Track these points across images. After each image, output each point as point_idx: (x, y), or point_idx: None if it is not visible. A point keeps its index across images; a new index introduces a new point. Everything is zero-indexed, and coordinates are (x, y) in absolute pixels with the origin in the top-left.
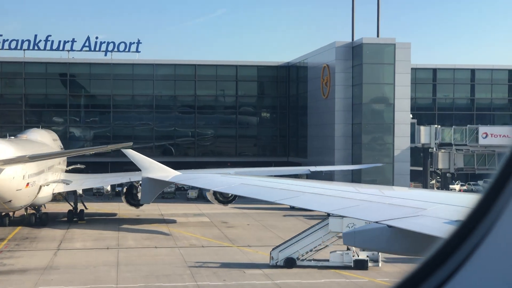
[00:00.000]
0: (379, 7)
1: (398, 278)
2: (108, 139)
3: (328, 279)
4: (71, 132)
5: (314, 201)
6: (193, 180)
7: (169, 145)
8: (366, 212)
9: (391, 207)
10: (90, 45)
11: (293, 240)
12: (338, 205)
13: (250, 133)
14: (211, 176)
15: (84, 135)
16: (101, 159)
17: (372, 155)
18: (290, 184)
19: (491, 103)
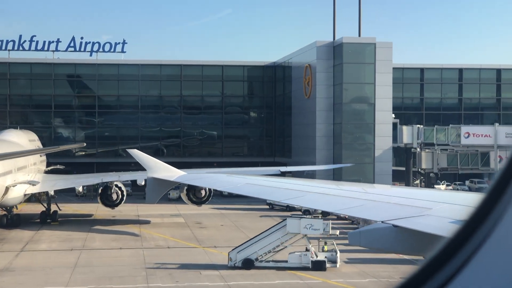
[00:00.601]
0: (361, 7)
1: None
2: (93, 140)
3: (283, 280)
4: (58, 132)
5: (319, 201)
6: (198, 180)
7: (160, 145)
8: (372, 212)
9: (397, 207)
10: (75, 45)
11: (251, 241)
12: (343, 205)
13: (237, 134)
14: (216, 176)
15: (70, 136)
16: (89, 159)
17: (352, 155)
18: (295, 184)
19: (479, 102)
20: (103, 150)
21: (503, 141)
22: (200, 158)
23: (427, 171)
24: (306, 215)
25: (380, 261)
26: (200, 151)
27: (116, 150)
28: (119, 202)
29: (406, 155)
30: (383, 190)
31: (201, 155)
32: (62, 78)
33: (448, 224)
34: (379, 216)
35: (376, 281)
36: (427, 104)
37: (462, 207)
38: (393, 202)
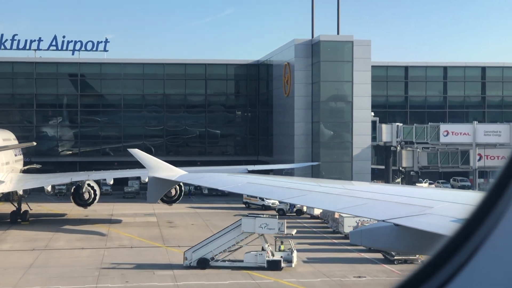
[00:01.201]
0: (339, 5)
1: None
2: (76, 139)
3: (235, 280)
4: (42, 132)
5: (321, 200)
6: (200, 179)
7: (144, 144)
8: (373, 211)
9: (398, 206)
10: (57, 44)
11: (207, 240)
12: (344, 204)
13: (221, 132)
14: (218, 175)
15: (53, 135)
16: (72, 159)
17: (330, 154)
18: (297, 183)
19: (464, 100)
20: (86, 150)
21: (481, 139)
22: (184, 157)
23: (408, 170)
24: (280, 214)
25: (339, 260)
26: (184, 150)
27: (99, 149)
28: (92, 201)
29: (385, 154)
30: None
31: (185, 154)
32: (44, 77)
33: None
34: (380, 215)
35: (328, 280)
36: (412, 102)
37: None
38: (395, 201)
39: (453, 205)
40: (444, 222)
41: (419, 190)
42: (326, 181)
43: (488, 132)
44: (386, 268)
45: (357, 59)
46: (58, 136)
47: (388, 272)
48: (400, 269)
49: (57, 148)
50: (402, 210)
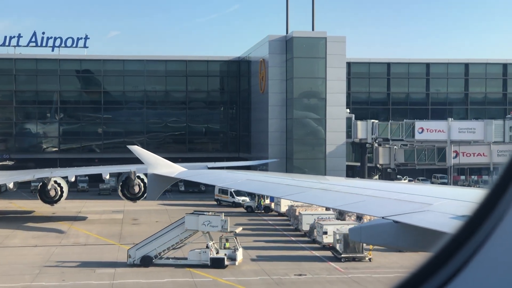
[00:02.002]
0: (314, 1)
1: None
2: (55, 136)
3: (173, 278)
4: (25, 128)
5: (320, 197)
6: (199, 176)
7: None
8: (373, 208)
9: (397, 203)
10: (36, 40)
11: (151, 238)
12: (344, 201)
13: (202, 129)
14: (217, 172)
15: (33, 132)
16: (51, 155)
17: (304, 150)
18: (297, 180)
19: (447, 97)
20: (66, 147)
21: (456, 136)
22: (165, 154)
23: (385, 167)
24: (249, 211)
25: (288, 258)
26: (165, 147)
27: (79, 146)
28: (58, 198)
29: (361, 151)
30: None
31: (166, 150)
32: (23, 74)
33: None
34: (379, 212)
35: (267, 278)
36: (394, 99)
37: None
38: (394, 198)
39: (452, 202)
40: (444, 219)
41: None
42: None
43: (462, 129)
44: (332, 265)
45: (331, 56)
46: (39, 132)
47: (331, 270)
48: (344, 267)
49: (38, 144)
50: (402, 207)
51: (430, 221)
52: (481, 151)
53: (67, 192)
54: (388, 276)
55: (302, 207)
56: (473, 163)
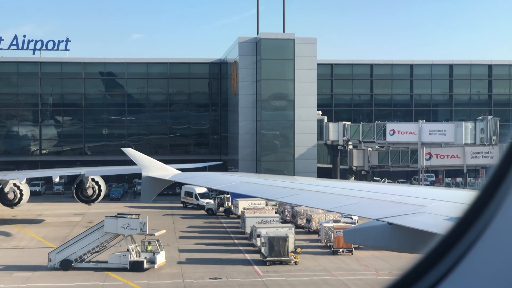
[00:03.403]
0: (285, 3)
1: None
2: (36, 140)
3: (86, 282)
4: (13, 132)
5: (314, 199)
6: (193, 178)
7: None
8: (366, 210)
9: (391, 205)
10: (17, 43)
11: (71, 241)
12: (338, 203)
13: (184, 132)
14: (211, 174)
15: (17, 135)
16: (33, 158)
17: (274, 153)
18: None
19: (431, 98)
20: (48, 150)
21: (427, 138)
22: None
23: (359, 169)
24: (209, 214)
25: (216, 261)
26: (146, 149)
27: (60, 150)
28: (18, 201)
29: (333, 153)
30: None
31: (148, 153)
32: (5, 77)
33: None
34: (373, 214)
35: (179, 282)
36: (378, 100)
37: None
38: (388, 200)
39: (446, 204)
40: (438, 221)
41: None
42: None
43: (433, 131)
44: (254, 269)
45: (301, 57)
46: (21, 135)
47: (250, 273)
48: (265, 270)
49: (21, 147)
50: (396, 209)
51: (424, 222)
52: (454, 153)
53: (28, 194)
54: (303, 279)
55: (252, 210)
56: (446, 165)
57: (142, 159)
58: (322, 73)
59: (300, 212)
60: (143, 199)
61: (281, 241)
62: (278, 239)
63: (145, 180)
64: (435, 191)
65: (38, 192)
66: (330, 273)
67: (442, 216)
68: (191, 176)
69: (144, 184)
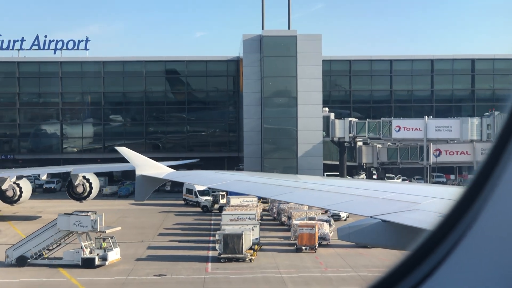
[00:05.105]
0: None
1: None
2: (57, 138)
3: (30, 278)
4: (25, 130)
5: (308, 197)
6: (187, 177)
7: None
8: (361, 207)
9: (385, 202)
10: (39, 43)
11: (27, 238)
12: (331, 201)
13: (202, 129)
14: (205, 173)
15: (39, 133)
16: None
17: (277, 150)
18: (286, 180)
19: (452, 94)
20: (72, 149)
21: (433, 134)
22: (165, 154)
23: (368, 165)
24: (204, 211)
25: (176, 258)
26: (165, 146)
27: (81, 149)
28: (18, 199)
29: (339, 149)
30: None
31: (166, 150)
32: (27, 76)
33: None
34: (367, 211)
35: (122, 278)
36: (397, 96)
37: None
38: (382, 197)
39: (440, 201)
40: (431, 218)
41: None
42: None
43: (439, 128)
44: (205, 266)
45: (304, 54)
46: (42, 133)
47: (198, 270)
48: (216, 267)
49: (43, 145)
50: (390, 206)
51: (418, 219)
52: (464, 150)
53: (29, 192)
54: (246, 277)
55: (238, 207)
56: (456, 162)
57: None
58: (341, 69)
59: (284, 209)
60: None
61: (235, 238)
62: (232, 236)
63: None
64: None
65: (53, 189)
66: (277, 271)
67: (435, 213)
68: (185, 175)
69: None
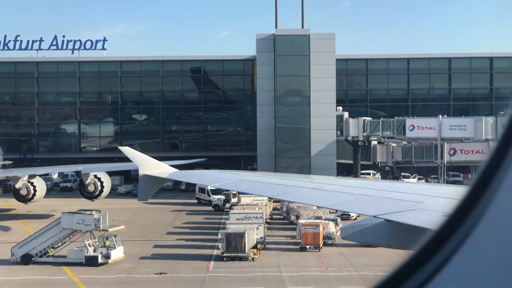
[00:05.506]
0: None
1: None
2: (75, 137)
3: (34, 276)
4: (44, 129)
5: (311, 196)
6: (190, 176)
7: (145, 143)
8: (364, 207)
9: (389, 201)
10: (57, 43)
11: (32, 237)
12: (335, 200)
13: (219, 128)
14: (209, 172)
15: (57, 132)
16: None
17: (290, 149)
18: (289, 179)
19: (470, 93)
20: (89, 147)
21: (447, 133)
22: (182, 153)
23: (382, 164)
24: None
25: (180, 257)
26: (182, 146)
27: (98, 148)
28: (31, 197)
29: (353, 149)
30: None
31: (183, 149)
32: (45, 76)
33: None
34: (371, 211)
35: (123, 276)
36: (414, 95)
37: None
38: (386, 196)
39: (443, 200)
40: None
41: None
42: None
43: (453, 127)
44: (207, 264)
45: (318, 53)
46: (60, 133)
47: (200, 269)
48: (217, 266)
49: (61, 145)
50: (393, 206)
51: (421, 219)
52: (480, 149)
53: (43, 190)
54: (246, 275)
55: (242, 206)
56: (472, 161)
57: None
58: (358, 68)
59: (293, 208)
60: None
61: (238, 237)
62: (235, 235)
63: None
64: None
65: (70, 188)
66: (278, 270)
67: (439, 212)
68: (188, 175)
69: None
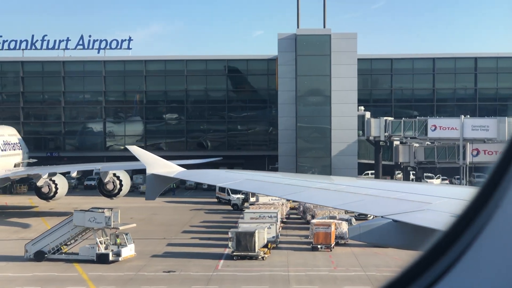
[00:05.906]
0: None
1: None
2: (101, 136)
3: (45, 272)
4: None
5: (318, 196)
6: (198, 176)
7: (170, 142)
8: (372, 207)
9: (396, 202)
10: (83, 43)
11: (45, 234)
12: (342, 200)
13: (242, 127)
14: (216, 171)
15: (83, 131)
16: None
17: (311, 148)
18: (296, 179)
19: (496, 93)
20: (111, 145)
21: (469, 134)
22: (205, 152)
23: (405, 165)
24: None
25: (191, 255)
26: (209, 145)
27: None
28: (53, 195)
29: (375, 148)
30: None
31: (206, 149)
32: (72, 75)
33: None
34: (378, 211)
35: (131, 274)
36: (440, 95)
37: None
38: (393, 197)
39: (451, 201)
40: (443, 218)
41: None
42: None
43: (475, 127)
44: (216, 263)
45: (339, 53)
46: (86, 131)
47: (209, 267)
48: (227, 265)
49: (87, 143)
50: (401, 206)
51: (429, 219)
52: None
53: (65, 188)
54: (253, 274)
55: (258, 205)
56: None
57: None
58: (381, 68)
59: (309, 208)
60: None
61: (248, 236)
62: (245, 234)
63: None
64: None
65: (93, 186)
66: (286, 269)
67: (447, 213)
68: (195, 174)
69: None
